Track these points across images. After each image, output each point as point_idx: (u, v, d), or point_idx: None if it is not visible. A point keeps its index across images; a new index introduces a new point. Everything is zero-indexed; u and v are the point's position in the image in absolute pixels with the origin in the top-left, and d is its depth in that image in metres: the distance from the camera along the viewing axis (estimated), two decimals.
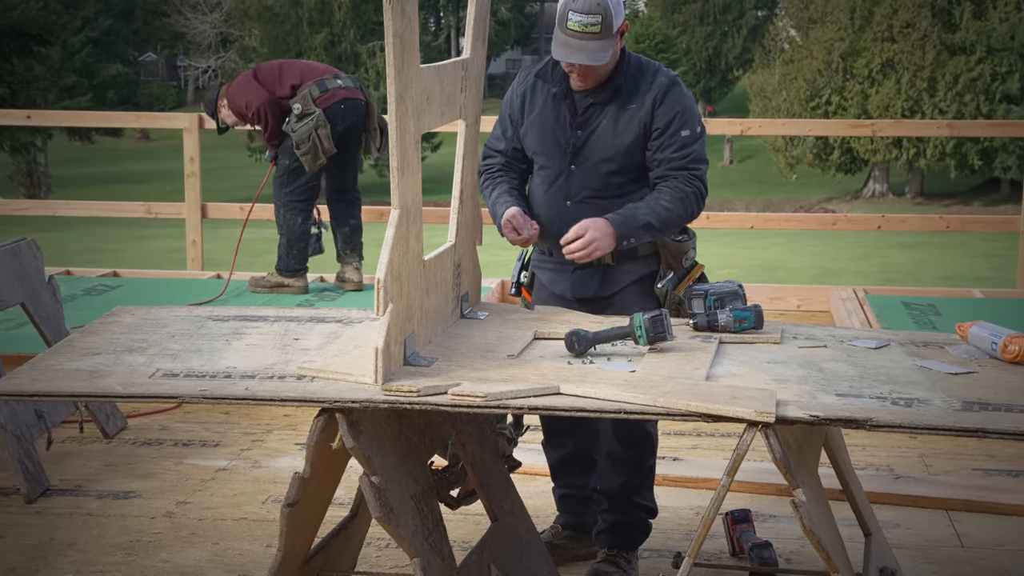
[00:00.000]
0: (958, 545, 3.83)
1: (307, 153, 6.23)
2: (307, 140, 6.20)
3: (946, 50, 31.37)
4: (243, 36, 37.98)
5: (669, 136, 3.30)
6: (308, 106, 6.23)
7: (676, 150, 3.30)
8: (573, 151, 3.35)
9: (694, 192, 3.32)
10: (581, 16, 3.15)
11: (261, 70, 6.55)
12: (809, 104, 32.95)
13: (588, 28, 3.15)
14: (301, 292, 6.65)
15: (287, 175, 6.44)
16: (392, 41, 2.56)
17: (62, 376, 2.79)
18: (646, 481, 3.54)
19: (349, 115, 6.36)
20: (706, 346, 3.03)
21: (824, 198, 33.63)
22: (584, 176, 3.36)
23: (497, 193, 3.42)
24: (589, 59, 3.19)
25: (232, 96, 6.47)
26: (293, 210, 6.50)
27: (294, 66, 6.55)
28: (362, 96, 6.48)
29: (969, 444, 4.67)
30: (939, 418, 2.54)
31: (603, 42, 3.17)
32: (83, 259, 12.13)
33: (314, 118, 6.19)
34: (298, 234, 6.55)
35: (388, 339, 2.63)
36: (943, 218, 8.13)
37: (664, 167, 3.32)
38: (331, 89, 6.32)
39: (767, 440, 2.53)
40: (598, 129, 3.33)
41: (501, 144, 3.49)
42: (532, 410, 2.63)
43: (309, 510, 2.80)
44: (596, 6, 3.15)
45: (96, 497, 4.21)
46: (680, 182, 3.31)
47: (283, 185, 6.49)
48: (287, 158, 6.40)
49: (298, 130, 6.22)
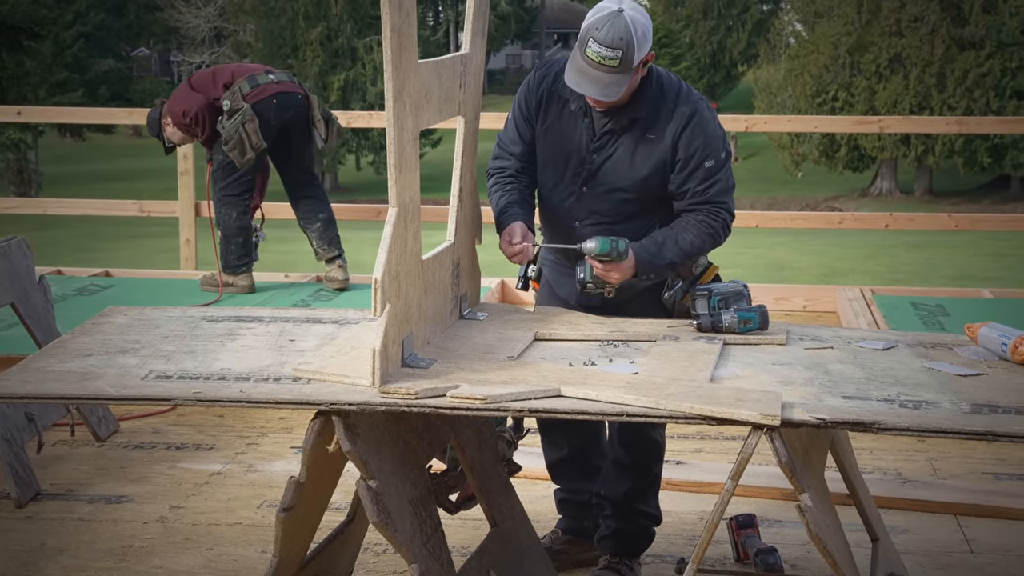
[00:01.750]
0: (967, 551, 3.82)
1: (233, 148, 6.35)
2: (234, 135, 6.33)
3: (955, 45, 31.38)
4: (237, 31, 37.99)
5: (692, 169, 3.24)
6: (237, 102, 6.35)
7: (700, 182, 3.25)
8: (587, 175, 3.32)
9: (721, 225, 3.30)
10: (601, 48, 3.06)
11: (195, 79, 6.68)
12: (815, 100, 32.96)
13: (606, 61, 3.07)
14: (246, 292, 6.68)
15: (221, 170, 6.54)
16: (390, 36, 2.56)
17: (53, 378, 2.79)
18: (651, 488, 3.53)
19: (284, 109, 6.48)
20: (710, 347, 3.03)
21: (830, 196, 33.64)
22: (595, 200, 3.33)
23: (506, 202, 3.36)
24: (600, 93, 3.12)
25: (172, 109, 6.55)
26: (227, 204, 6.58)
27: (226, 68, 6.67)
28: (299, 90, 6.60)
29: (978, 447, 4.67)
30: (948, 421, 2.54)
31: (619, 76, 3.09)
32: (74, 258, 12.14)
33: (241, 113, 6.31)
34: (234, 229, 6.62)
35: (385, 340, 2.63)
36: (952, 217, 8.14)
37: (688, 200, 3.28)
38: (262, 84, 6.45)
39: (772, 443, 2.53)
40: (614, 156, 3.27)
41: (517, 147, 3.40)
42: (533, 413, 2.62)
43: (305, 515, 2.80)
44: (619, 40, 3.05)
45: (88, 502, 4.21)
46: (706, 215, 3.27)
47: (217, 180, 6.59)
48: (221, 154, 6.50)
49: (227, 126, 6.35)
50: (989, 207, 30.19)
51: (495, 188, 3.41)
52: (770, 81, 36.51)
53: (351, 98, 34.70)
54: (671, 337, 3.12)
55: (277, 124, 6.41)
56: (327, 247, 6.75)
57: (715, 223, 3.29)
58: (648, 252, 3.24)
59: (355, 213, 9.11)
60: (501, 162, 3.44)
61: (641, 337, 3.15)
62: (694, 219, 3.28)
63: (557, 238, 3.41)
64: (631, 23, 3.07)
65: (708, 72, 45.28)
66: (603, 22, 3.07)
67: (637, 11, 3.11)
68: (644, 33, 3.11)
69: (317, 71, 34.58)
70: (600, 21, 3.08)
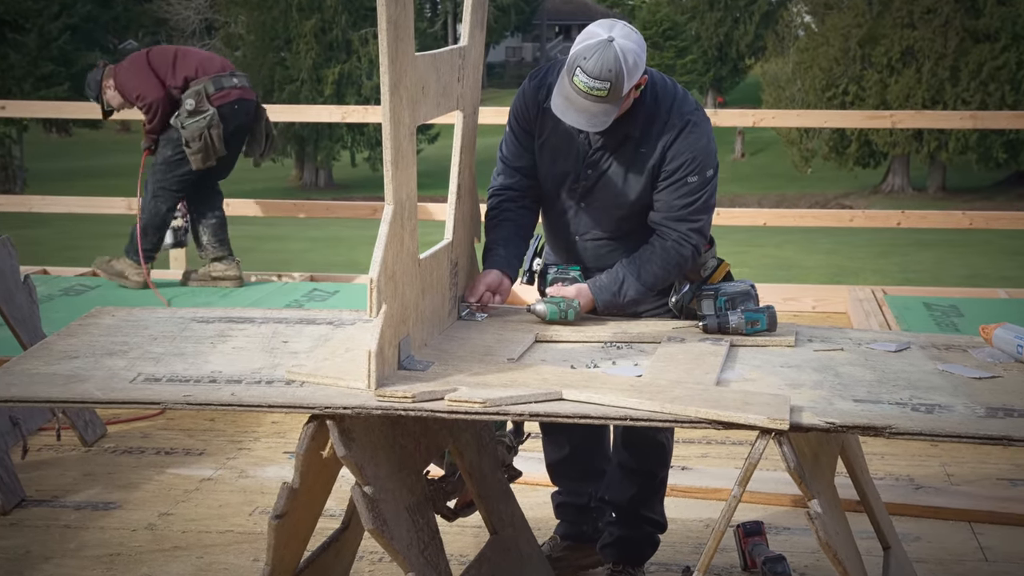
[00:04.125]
0: (981, 559, 3.83)
1: (198, 152, 6.45)
2: (198, 139, 6.43)
3: (969, 37, 31.37)
4: (229, 23, 37.98)
5: (674, 181, 3.21)
6: (202, 103, 6.43)
7: (680, 196, 3.22)
8: (583, 192, 3.32)
9: (691, 253, 3.25)
10: (587, 78, 3.01)
11: (154, 54, 6.71)
12: (825, 94, 32.95)
13: (594, 91, 3.03)
14: (138, 287, 6.77)
15: (166, 165, 6.63)
16: (386, 28, 2.56)
17: (38, 381, 2.79)
18: (657, 494, 3.54)
19: (240, 116, 6.61)
20: (716, 349, 3.04)
21: (841, 193, 33.64)
22: (593, 216, 3.35)
23: (491, 240, 3.35)
24: (587, 124, 3.09)
25: (122, 81, 6.60)
26: (161, 197, 6.70)
27: (189, 57, 6.70)
28: (254, 96, 6.72)
29: (993, 453, 4.67)
30: (962, 425, 2.54)
31: (607, 106, 3.06)
32: (60, 257, 12.13)
33: (208, 117, 6.42)
34: (159, 222, 6.77)
35: (382, 342, 2.63)
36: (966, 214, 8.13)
37: (663, 213, 3.25)
38: (227, 88, 6.57)
39: (780, 448, 2.53)
40: (608, 172, 3.27)
41: (522, 161, 3.36)
42: (533, 416, 2.63)
43: (298, 522, 2.80)
44: (607, 72, 3.00)
45: (74, 508, 4.21)
46: (674, 242, 3.23)
47: (158, 173, 6.68)
48: (169, 149, 6.58)
49: (188, 126, 6.43)
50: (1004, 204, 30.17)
51: (491, 217, 3.39)
52: (778, 74, 36.50)
53: (346, 92, 34.68)
54: (676, 338, 3.13)
55: (231, 129, 6.54)
56: (218, 245, 6.91)
57: (683, 251, 3.24)
58: (608, 292, 3.26)
59: (350, 211, 9.12)
60: (504, 179, 3.40)
61: (645, 338, 3.15)
62: (661, 246, 3.25)
63: (558, 251, 3.46)
64: (621, 54, 3.01)
65: (714, 65, 45.28)
66: (591, 51, 3.02)
67: (628, 38, 3.05)
68: (635, 63, 3.05)
69: (311, 64, 34.57)
70: (588, 50, 3.03)
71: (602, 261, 3.37)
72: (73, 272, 7.58)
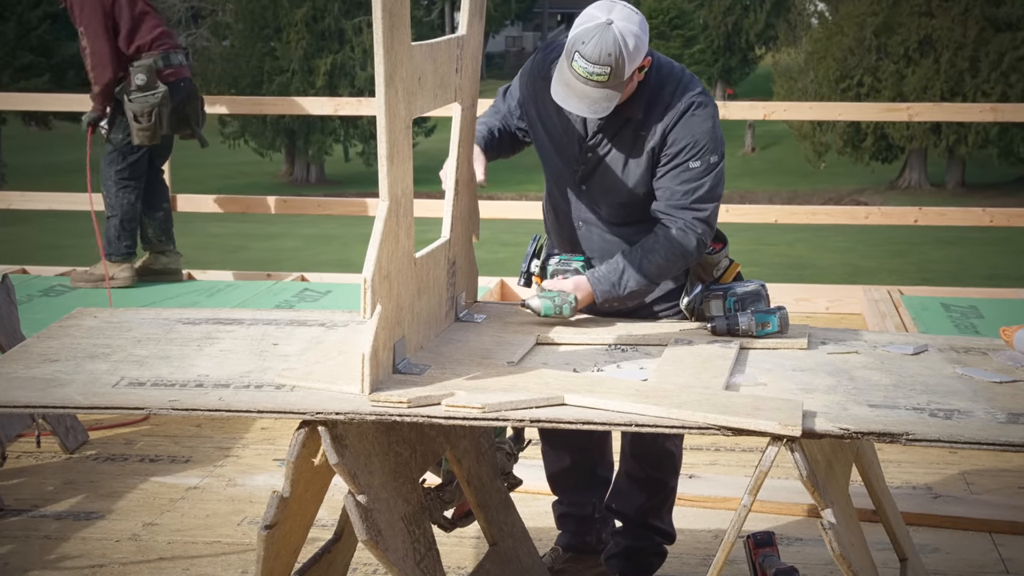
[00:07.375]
0: (1003, 571, 3.83)
1: (146, 129, 6.49)
2: (147, 116, 6.46)
3: (990, 26, 31.37)
4: (216, 11, 38.00)
5: (676, 166, 3.20)
6: (153, 80, 6.46)
7: (682, 183, 3.20)
8: (584, 174, 3.33)
9: (696, 243, 3.22)
10: (586, 63, 3.02)
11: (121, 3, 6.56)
12: (839, 86, 32.95)
13: (593, 76, 3.03)
14: (127, 285, 6.80)
15: (119, 152, 6.72)
16: (381, 16, 2.56)
17: (17, 385, 2.79)
18: (666, 503, 3.54)
19: (180, 94, 6.64)
20: (726, 352, 3.04)
21: (855, 189, 33.65)
22: (594, 202, 3.36)
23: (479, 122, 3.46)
24: (588, 110, 3.09)
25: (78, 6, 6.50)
26: (126, 188, 6.77)
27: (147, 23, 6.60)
28: (189, 74, 6.75)
29: (1015, 460, 4.68)
30: (982, 431, 2.54)
31: (608, 91, 3.06)
32: (41, 256, 12.15)
33: (158, 94, 6.46)
34: (132, 214, 6.83)
35: (376, 344, 2.64)
36: (986, 211, 8.12)
37: (666, 200, 3.23)
38: (175, 65, 6.61)
39: (793, 456, 2.53)
40: (608, 157, 3.28)
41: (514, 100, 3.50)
42: (534, 422, 2.63)
43: (289, 532, 2.81)
44: (606, 56, 3.00)
45: (55, 518, 4.22)
46: (679, 230, 3.21)
47: (114, 163, 6.75)
48: (120, 133, 6.64)
49: (136, 100, 6.45)
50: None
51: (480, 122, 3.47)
52: (790, 65, 36.50)
53: (339, 83, 34.69)
54: (683, 341, 3.13)
55: (174, 107, 6.58)
56: (164, 238, 7.00)
57: (687, 241, 3.21)
58: (607, 282, 3.24)
59: (343, 207, 9.10)
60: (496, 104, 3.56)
61: (651, 341, 3.15)
62: (664, 235, 3.23)
63: (562, 240, 3.46)
64: (621, 36, 3.01)
65: (723, 55, 45.27)
66: (590, 35, 3.02)
67: (629, 20, 3.04)
68: (636, 45, 3.04)
69: (302, 54, 34.57)
70: (586, 34, 3.03)
71: (606, 252, 3.36)
72: (54, 271, 7.58)
